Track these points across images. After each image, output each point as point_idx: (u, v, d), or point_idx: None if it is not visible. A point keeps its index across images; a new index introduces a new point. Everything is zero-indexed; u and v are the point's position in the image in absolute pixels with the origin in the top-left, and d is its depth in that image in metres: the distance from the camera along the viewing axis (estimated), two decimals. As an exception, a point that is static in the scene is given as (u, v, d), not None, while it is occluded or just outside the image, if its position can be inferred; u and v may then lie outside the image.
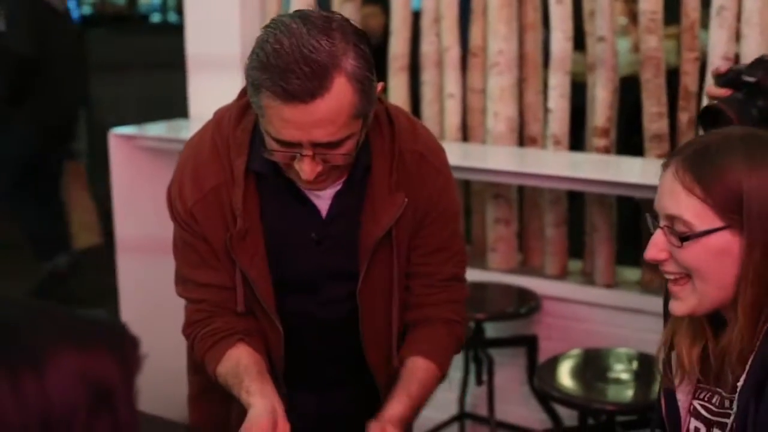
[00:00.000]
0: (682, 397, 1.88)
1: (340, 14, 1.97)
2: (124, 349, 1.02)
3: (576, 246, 4.02)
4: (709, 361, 1.83)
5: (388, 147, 2.08)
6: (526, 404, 3.93)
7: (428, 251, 2.17)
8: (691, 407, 1.87)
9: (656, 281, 3.80)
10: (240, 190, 2.05)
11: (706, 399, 1.86)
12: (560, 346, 3.58)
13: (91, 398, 0.96)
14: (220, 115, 2.14)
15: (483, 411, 3.98)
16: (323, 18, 1.90)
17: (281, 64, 1.83)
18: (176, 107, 4.79)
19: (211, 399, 2.26)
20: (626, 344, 3.50)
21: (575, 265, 4.05)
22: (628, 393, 3.22)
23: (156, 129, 4.47)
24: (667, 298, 1.93)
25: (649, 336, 3.55)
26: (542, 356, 3.69)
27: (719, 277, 1.69)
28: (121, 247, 4.39)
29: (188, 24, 4.48)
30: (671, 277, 1.74)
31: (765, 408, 1.68)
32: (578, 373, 3.31)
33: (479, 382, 3.81)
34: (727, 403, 1.81)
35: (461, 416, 4.03)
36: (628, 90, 3.96)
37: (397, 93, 4.14)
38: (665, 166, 1.74)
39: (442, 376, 2.18)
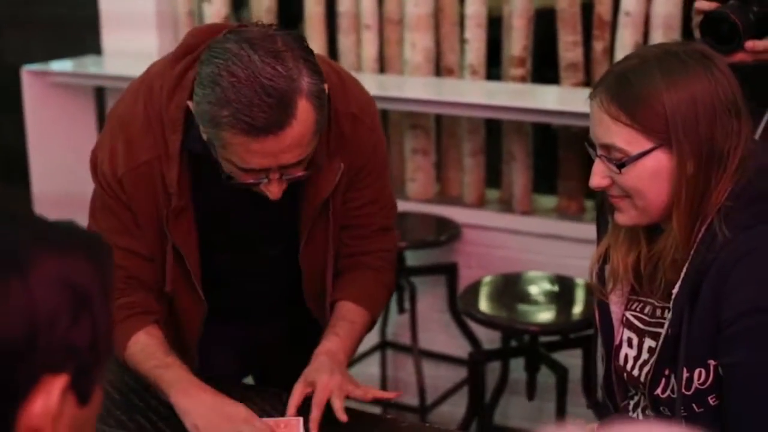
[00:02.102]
0: (615, 308, 1.95)
1: (273, 24, 1.94)
2: (100, 255, 1.03)
3: (493, 175, 4.08)
4: (642, 271, 1.90)
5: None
6: (446, 331, 4.00)
7: (360, 204, 2.20)
8: (624, 318, 1.95)
9: (572, 207, 3.89)
10: (175, 167, 2.02)
11: (638, 310, 1.93)
12: (480, 273, 3.64)
13: (73, 302, 0.98)
14: (150, 82, 2.07)
15: (403, 339, 4.05)
16: (266, 38, 1.84)
17: (242, 99, 1.79)
18: (85, 43, 4.72)
19: None
20: (544, 269, 3.58)
21: (493, 193, 4.12)
22: (550, 314, 3.30)
23: (69, 65, 4.40)
24: (600, 216, 2.00)
25: (566, 261, 3.66)
26: (462, 284, 3.75)
27: (657, 194, 1.77)
28: (37, 186, 4.34)
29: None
30: (615, 197, 1.82)
31: (699, 314, 1.75)
32: (499, 297, 3.38)
33: (401, 310, 3.87)
34: (659, 313, 1.88)
35: (382, 345, 4.08)
36: (541, 22, 4.01)
37: (314, 24, 4.13)
38: (591, 97, 1.80)
39: (371, 320, 2.23)
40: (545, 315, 3.30)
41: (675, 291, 1.79)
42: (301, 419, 2.01)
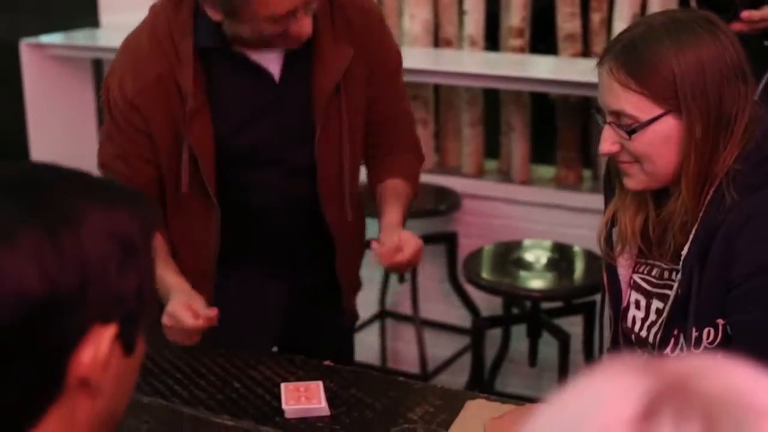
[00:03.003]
0: (622, 271, 1.99)
1: None
2: (143, 209, 1.06)
3: (492, 145, 4.11)
4: (649, 234, 1.93)
5: (326, 2, 2.16)
6: (446, 300, 4.04)
7: (392, 97, 2.32)
8: (631, 281, 1.98)
9: (570, 177, 3.92)
10: (189, 70, 2.09)
11: (645, 272, 1.96)
12: (479, 243, 3.68)
13: (120, 253, 1.01)
14: (154, 9, 2.17)
15: (403, 309, 4.08)
16: None
17: None
18: (71, 17, 4.70)
19: None
20: (543, 238, 3.61)
21: (491, 163, 4.15)
22: (551, 281, 3.34)
23: (67, 37, 4.41)
24: (607, 182, 2.03)
25: (564, 230, 3.70)
26: (462, 253, 3.78)
27: (667, 159, 1.80)
28: (36, 156, 4.35)
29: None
30: (625, 162, 1.85)
31: (708, 274, 1.79)
32: (500, 265, 3.41)
33: (401, 279, 3.90)
34: (666, 275, 1.92)
35: (382, 314, 4.12)
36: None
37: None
38: (600, 65, 1.83)
39: (414, 195, 2.38)
40: (547, 281, 3.34)
41: (684, 252, 1.82)
42: (320, 383, 2.05)
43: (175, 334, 2.04)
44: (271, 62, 2.16)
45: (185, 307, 2.00)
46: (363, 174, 2.40)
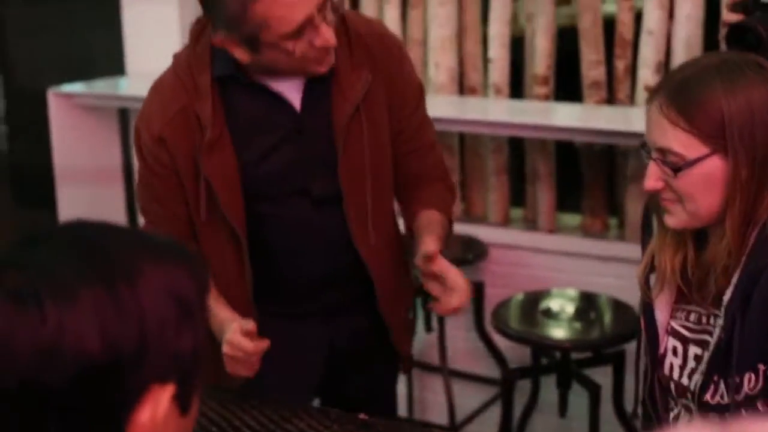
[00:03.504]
0: (660, 318, 1.97)
1: None
2: (198, 267, 1.06)
3: (518, 194, 4.10)
4: (688, 275, 1.92)
5: (342, 31, 2.17)
6: (472, 350, 4.01)
7: (415, 127, 2.31)
8: (669, 327, 1.97)
9: (596, 225, 3.91)
10: (208, 101, 2.12)
11: (683, 318, 1.95)
12: (506, 292, 3.66)
13: (177, 311, 1.00)
14: (177, 55, 2.23)
15: (430, 359, 4.05)
16: None
17: None
18: (98, 66, 4.73)
19: None
20: (569, 286, 3.59)
21: (517, 212, 4.14)
22: (580, 331, 3.31)
23: (83, 87, 4.43)
24: (645, 227, 2.02)
25: (591, 278, 3.68)
26: (489, 302, 3.76)
27: (710, 199, 1.80)
28: (63, 208, 4.36)
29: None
30: (667, 200, 1.85)
31: (750, 319, 1.78)
32: (528, 314, 3.39)
33: (428, 329, 3.88)
34: (705, 320, 1.90)
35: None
36: (564, 39, 4.04)
37: (337, 46, 4.16)
38: (649, 102, 1.83)
39: (450, 224, 2.33)
40: (575, 332, 3.31)
41: (726, 297, 1.81)
42: None
43: (236, 364, 2.05)
44: (292, 91, 2.17)
45: (243, 333, 2.02)
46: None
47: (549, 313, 3.36)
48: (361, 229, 2.23)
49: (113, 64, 4.57)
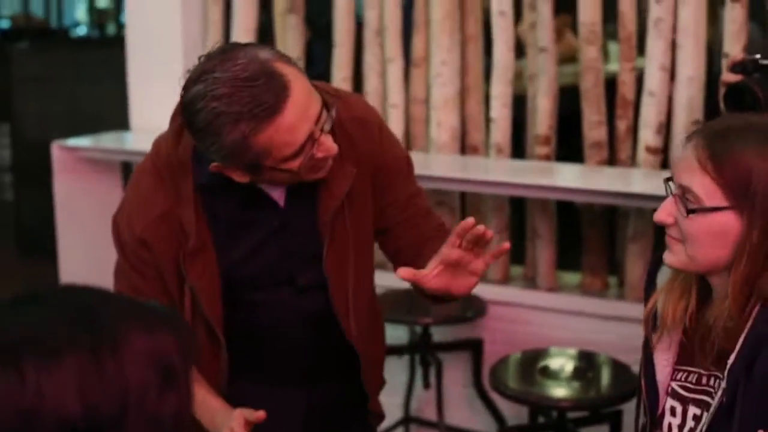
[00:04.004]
0: (660, 376, 1.96)
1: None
2: (183, 333, 1.07)
3: (518, 252, 4.12)
4: (690, 336, 1.92)
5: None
6: (470, 407, 4.01)
7: (403, 200, 2.26)
8: (669, 388, 1.97)
9: (596, 284, 3.92)
10: (191, 209, 2.09)
11: (683, 379, 1.95)
12: (505, 349, 3.66)
13: (160, 378, 1.01)
14: (156, 143, 2.18)
15: (427, 415, 4.05)
16: (212, 57, 1.95)
17: (243, 101, 1.88)
18: (105, 120, 4.79)
19: None
20: (569, 345, 3.59)
21: (517, 270, 4.15)
22: (577, 390, 3.31)
23: (89, 141, 4.47)
24: (651, 276, 2.02)
25: (590, 336, 3.68)
26: (487, 359, 3.77)
27: (713, 250, 1.81)
28: (64, 260, 4.38)
29: (129, 36, 4.48)
30: (672, 237, 1.86)
31: (753, 385, 1.78)
32: (527, 373, 3.39)
33: (426, 385, 3.88)
34: (705, 380, 1.90)
35: (406, 420, 4.08)
36: (565, 99, 4.07)
37: (341, 103, 4.19)
38: (688, 139, 1.85)
39: None
40: (572, 391, 3.31)
41: (730, 362, 1.81)
42: None
43: None
44: (276, 189, 2.15)
45: (241, 419, 2.01)
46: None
47: (547, 372, 3.36)
48: (344, 313, 2.22)
49: (119, 118, 4.62)
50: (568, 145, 4.06)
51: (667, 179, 1.89)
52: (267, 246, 2.18)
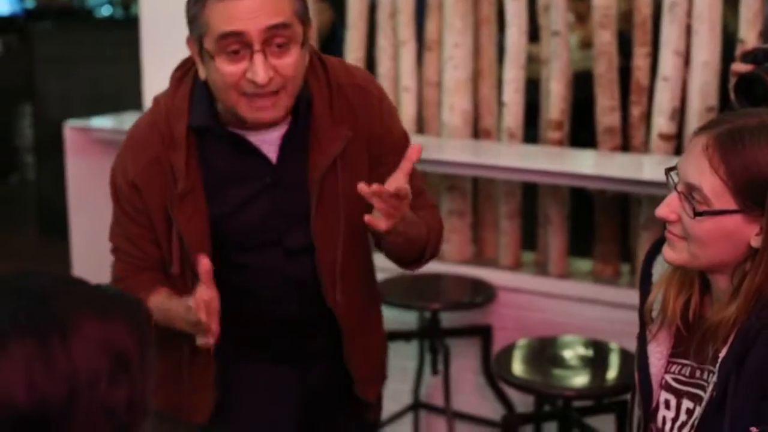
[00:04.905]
0: (654, 369, 1.93)
1: None
2: (140, 320, 1.05)
3: (529, 237, 4.08)
4: (689, 322, 1.89)
5: (324, 82, 2.17)
6: (480, 394, 3.99)
7: None
8: (663, 381, 1.94)
9: (607, 271, 3.88)
10: (182, 152, 2.12)
11: (677, 372, 1.92)
12: (514, 336, 3.63)
13: (112, 365, 1.00)
14: (156, 98, 2.24)
15: (437, 401, 4.03)
16: None
17: None
18: (124, 100, 4.80)
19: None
20: (579, 333, 3.56)
21: (529, 256, 4.12)
22: (584, 379, 3.29)
23: (110, 121, 4.48)
24: (646, 270, 1.98)
25: (601, 324, 3.64)
26: (497, 346, 3.74)
27: (718, 252, 1.76)
28: (76, 240, 4.39)
29: (143, 17, 4.47)
30: (673, 234, 1.81)
31: (744, 380, 1.74)
32: (533, 360, 3.37)
33: (435, 371, 3.86)
34: (698, 374, 1.87)
35: (415, 406, 4.07)
36: (579, 84, 4.03)
37: (353, 86, 4.17)
38: (696, 135, 1.79)
39: (426, 241, 2.24)
40: (579, 379, 3.28)
41: (722, 355, 1.78)
42: None
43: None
44: (269, 145, 2.16)
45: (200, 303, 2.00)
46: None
47: (555, 360, 3.34)
48: (331, 282, 2.21)
49: (138, 98, 4.62)
50: (582, 130, 4.02)
51: (669, 169, 1.83)
52: (257, 201, 2.18)
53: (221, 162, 2.16)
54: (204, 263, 1.97)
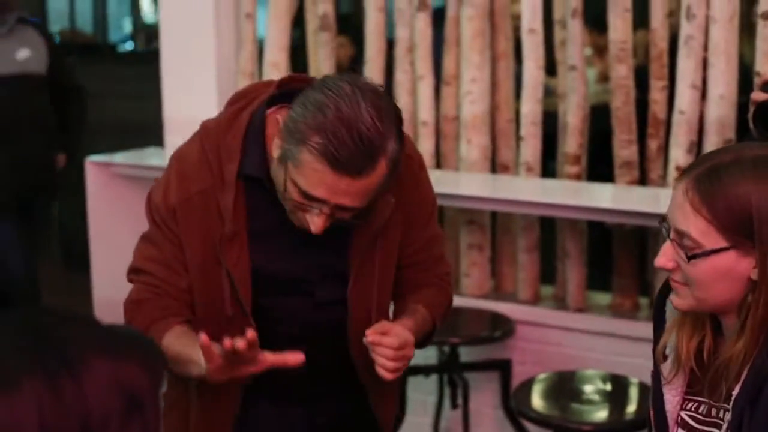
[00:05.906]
0: (670, 408, 1.93)
1: (381, 85, 2.05)
2: (153, 360, 1.06)
3: (548, 271, 4.08)
4: (704, 364, 1.88)
5: None
6: (499, 428, 3.98)
7: (422, 243, 2.28)
8: (679, 418, 1.93)
9: (626, 305, 3.88)
10: (231, 194, 2.10)
11: (693, 409, 1.91)
12: (533, 370, 3.63)
13: (124, 405, 1.00)
14: (206, 125, 2.19)
15: (455, 435, 4.03)
16: (375, 92, 1.96)
17: (338, 134, 1.90)
18: (147, 135, 4.83)
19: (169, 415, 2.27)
20: (598, 367, 3.55)
21: (547, 290, 4.12)
22: (603, 414, 3.27)
23: (131, 156, 4.51)
24: (659, 310, 1.98)
25: (620, 359, 3.63)
26: (516, 380, 3.74)
27: (720, 291, 1.75)
28: (97, 273, 4.41)
29: (164, 53, 4.51)
30: (676, 281, 1.81)
31: (759, 416, 1.73)
32: (553, 394, 3.36)
33: (454, 405, 3.86)
34: (714, 412, 1.86)
35: (435, 440, 4.07)
36: (596, 118, 4.04)
37: (372, 121, 4.19)
38: (678, 181, 1.79)
39: (434, 327, 2.28)
40: (598, 414, 3.27)
41: (735, 393, 1.77)
42: None
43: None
44: None
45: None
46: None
47: (574, 395, 3.33)
48: (358, 337, 2.19)
49: (156, 134, 4.66)
50: (599, 164, 4.02)
51: (662, 219, 1.84)
52: (296, 253, 2.17)
53: (266, 210, 2.14)
54: (251, 335, 1.93)
